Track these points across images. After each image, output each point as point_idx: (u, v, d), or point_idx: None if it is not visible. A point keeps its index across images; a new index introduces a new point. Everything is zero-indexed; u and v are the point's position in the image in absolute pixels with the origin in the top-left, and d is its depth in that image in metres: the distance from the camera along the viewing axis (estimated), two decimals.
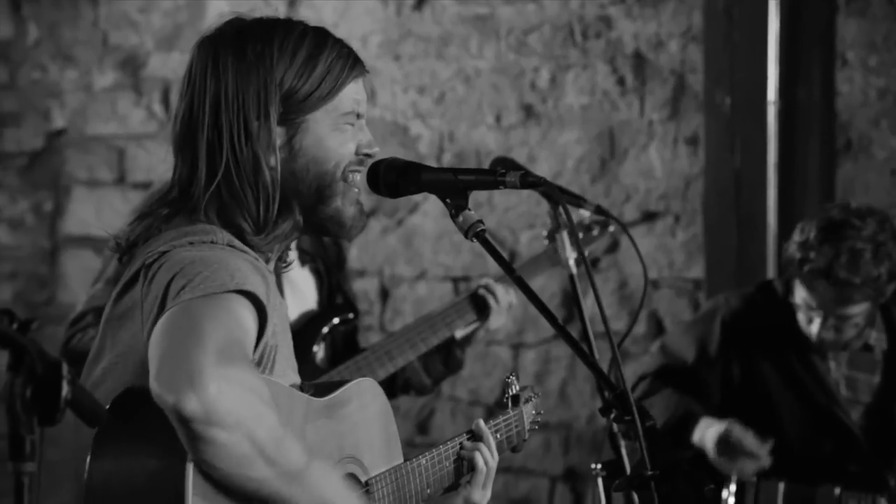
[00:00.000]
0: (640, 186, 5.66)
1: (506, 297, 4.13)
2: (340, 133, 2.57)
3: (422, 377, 4.22)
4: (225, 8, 5.98)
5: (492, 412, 5.83)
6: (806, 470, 4.31)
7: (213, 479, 2.23)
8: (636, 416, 2.35)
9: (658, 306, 5.66)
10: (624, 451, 3.67)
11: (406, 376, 4.22)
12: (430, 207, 5.89)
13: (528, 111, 5.79)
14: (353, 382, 2.63)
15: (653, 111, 5.64)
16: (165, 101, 6.22)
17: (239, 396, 2.19)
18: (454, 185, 2.56)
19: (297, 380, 2.62)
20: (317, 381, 2.72)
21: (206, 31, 2.59)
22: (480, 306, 4.13)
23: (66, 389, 1.85)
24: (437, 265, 5.92)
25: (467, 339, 4.23)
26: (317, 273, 4.16)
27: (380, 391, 2.70)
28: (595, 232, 4.26)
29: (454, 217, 2.54)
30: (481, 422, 2.88)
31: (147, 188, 6.16)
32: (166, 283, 2.34)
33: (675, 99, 5.60)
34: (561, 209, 3.06)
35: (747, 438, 4.25)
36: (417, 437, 5.91)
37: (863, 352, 4.40)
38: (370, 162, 2.62)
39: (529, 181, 2.52)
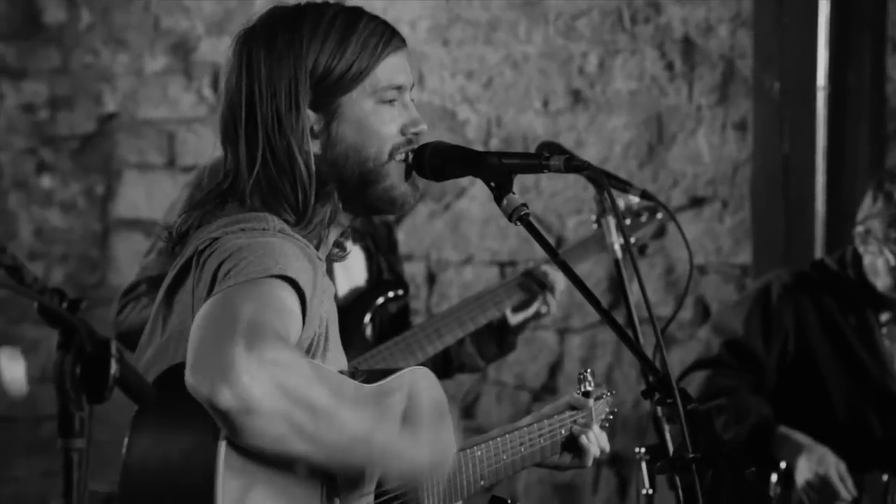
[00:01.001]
0: (687, 172, 5.65)
1: (560, 283, 4.13)
2: (380, 112, 2.57)
3: (476, 360, 4.24)
4: None
5: (538, 397, 5.88)
6: (855, 452, 4.29)
7: (251, 452, 2.25)
8: (678, 399, 2.35)
9: (705, 292, 5.65)
10: (668, 435, 3.69)
11: (461, 360, 4.24)
12: (477, 192, 5.90)
13: (576, 96, 5.79)
14: (406, 370, 2.61)
15: (701, 96, 5.62)
16: (215, 85, 6.26)
17: (274, 380, 2.18)
18: (499, 169, 2.56)
19: (344, 365, 2.63)
20: (371, 368, 2.72)
21: (244, 25, 2.61)
22: (531, 287, 4.14)
23: (114, 367, 1.88)
24: (483, 250, 5.94)
25: (522, 325, 4.24)
26: (367, 251, 4.17)
27: (434, 381, 2.67)
28: (643, 218, 4.26)
29: (499, 201, 2.55)
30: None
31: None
32: (215, 267, 2.36)
33: (724, 84, 5.58)
34: (606, 194, 3.06)
35: (846, 484, 4.22)
36: (463, 420, 5.93)
37: None
38: (420, 141, 2.61)
39: (574, 165, 2.52)
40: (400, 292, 4.18)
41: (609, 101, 5.74)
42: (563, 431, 2.98)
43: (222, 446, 2.23)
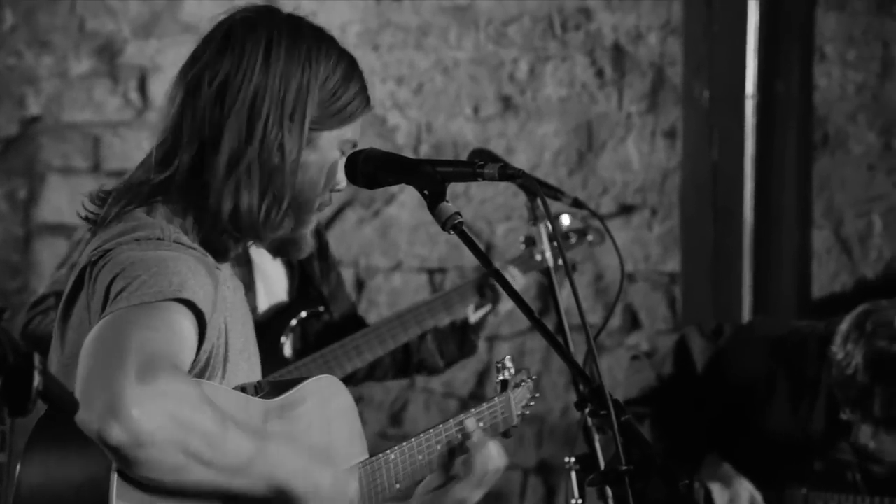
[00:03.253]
0: (617, 179, 5.65)
1: (519, 279, 4.12)
2: (336, 160, 2.57)
3: (436, 359, 4.24)
4: None
5: (466, 405, 5.84)
6: (771, 469, 4.29)
7: (144, 484, 2.20)
8: (611, 410, 2.33)
9: (633, 299, 5.66)
10: (598, 445, 3.67)
11: (421, 357, 4.24)
12: (406, 198, 5.87)
13: (507, 103, 5.78)
14: (310, 380, 2.57)
15: (631, 104, 5.63)
16: (142, 88, 6.18)
17: (165, 411, 2.14)
18: (432, 177, 2.54)
19: (257, 374, 2.59)
20: (275, 378, 2.68)
21: (250, 9, 2.57)
22: (484, 292, 4.13)
23: (37, 380, 1.83)
24: (412, 256, 5.91)
25: (481, 324, 4.24)
26: (288, 265, 4.14)
27: (341, 387, 2.64)
28: (573, 240, 4.26)
29: (432, 209, 2.52)
30: (473, 424, 2.80)
31: (122, 176, 6.12)
32: (107, 284, 2.31)
33: (654, 92, 5.59)
34: (539, 201, 3.04)
35: None
36: (391, 428, 5.89)
37: None
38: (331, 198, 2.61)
39: (508, 173, 2.50)
40: (320, 309, 4.14)
41: (539, 108, 5.73)
42: (481, 425, 2.90)
43: (114, 477, 2.19)
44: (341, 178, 2.59)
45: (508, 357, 3.07)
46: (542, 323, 2.48)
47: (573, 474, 3.66)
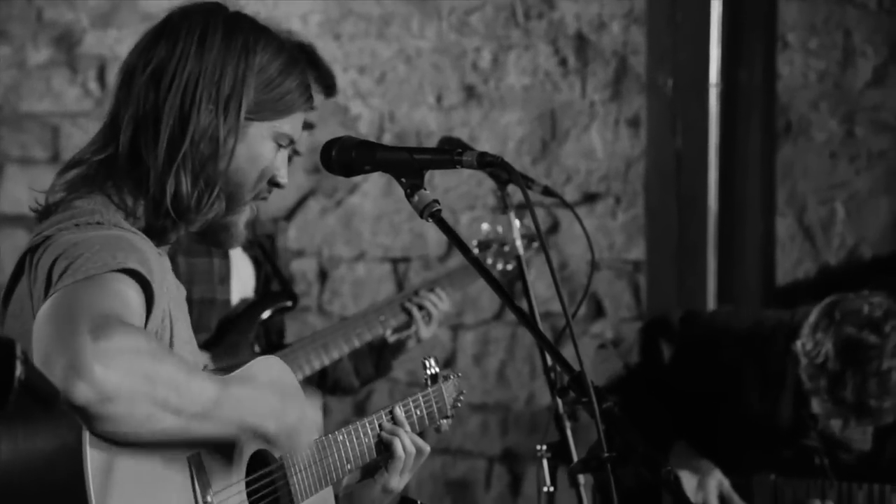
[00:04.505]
0: (580, 168, 5.65)
1: (440, 307, 4.14)
2: (271, 152, 2.58)
3: (351, 378, 4.25)
4: None
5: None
6: (739, 456, 4.31)
7: (118, 440, 2.20)
8: (593, 398, 2.33)
9: (597, 287, 5.66)
10: (569, 433, 3.67)
11: (336, 376, 4.24)
12: (369, 188, 5.85)
13: (470, 92, 5.76)
14: (258, 359, 2.59)
15: (594, 92, 5.63)
16: (101, 78, 6.13)
17: (126, 364, 2.15)
18: (410, 165, 2.53)
19: (199, 365, 2.59)
20: (221, 365, 2.68)
21: (194, 2, 2.59)
22: (411, 311, 4.15)
23: (19, 370, 1.80)
24: (376, 246, 5.89)
25: (399, 347, 4.25)
26: (255, 260, 4.13)
27: (285, 367, 2.66)
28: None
29: (409, 197, 2.51)
30: (398, 408, 2.87)
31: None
32: (49, 266, 2.32)
33: (617, 80, 5.59)
34: (514, 189, 3.03)
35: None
36: (355, 417, 5.87)
37: None
38: (269, 193, 2.63)
39: (487, 161, 2.49)
40: (288, 304, 4.12)
41: (502, 97, 5.72)
42: (417, 413, 2.96)
43: (86, 443, 2.17)
44: (281, 172, 2.61)
45: (433, 357, 3.13)
46: (522, 311, 2.47)
47: (545, 462, 3.66)
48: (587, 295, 3.97)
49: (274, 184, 2.61)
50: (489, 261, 4.21)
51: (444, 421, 3.09)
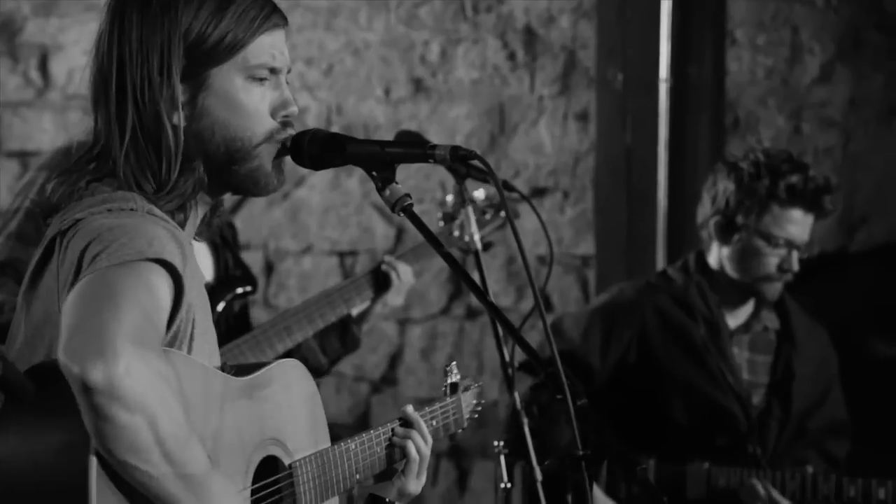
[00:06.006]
0: (529, 162, 5.64)
1: (407, 275, 4.09)
2: (250, 90, 2.48)
3: (318, 356, 4.16)
4: None
5: (377, 389, 5.81)
6: (675, 445, 4.33)
7: (107, 456, 2.14)
8: (568, 395, 2.31)
9: (547, 281, 5.64)
10: (526, 430, 3.66)
11: (302, 355, 4.14)
12: (316, 181, 5.81)
13: (418, 85, 5.73)
14: (276, 363, 2.55)
15: (543, 87, 5.62)
16: (42, 67, 6.04)
17: (147, 379, 2.11)
18: (381, 158, 2.50)
19: (217, 359, 2.54)
20: (239, 363, 2.63)
21: None
22: (380, 282, 4.08)
23: None
24: (322, 239, 5.85)
25: (363, 316, 4.19)
26: (213, 245, 4.07)
27: (306, 373, 2.62)
28: (488, 216, 4.24)
29: (381, 191, 2.48)
30: (410, 408, 2.83)
31: (23, 157, 5.99)
32: (81, 249, 2.26)
33: (566, 75, 5.59)
34: (494, 184, 2.99)
35: None
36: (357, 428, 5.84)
37: (761, 333, 4.44)
38: (292, 123, 2.54)
39: (461, 154, 2.47)
40: (248, 288, 4.08)
41: (451, 91, 5.70)
42: (434, 423, 2.93)
43: (94, 444, 2.13)
44: (280, 101, 2.51)
45: (454, 363, 3.08)
46: (496, 306, 2.45)
47: (502, 458, 3.65)
48: (546, 287, 3.95)
49: (282, 120, 2.51)
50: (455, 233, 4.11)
51: (459, 430, 3.05)
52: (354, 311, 4.15)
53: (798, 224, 4.32)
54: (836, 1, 5.38)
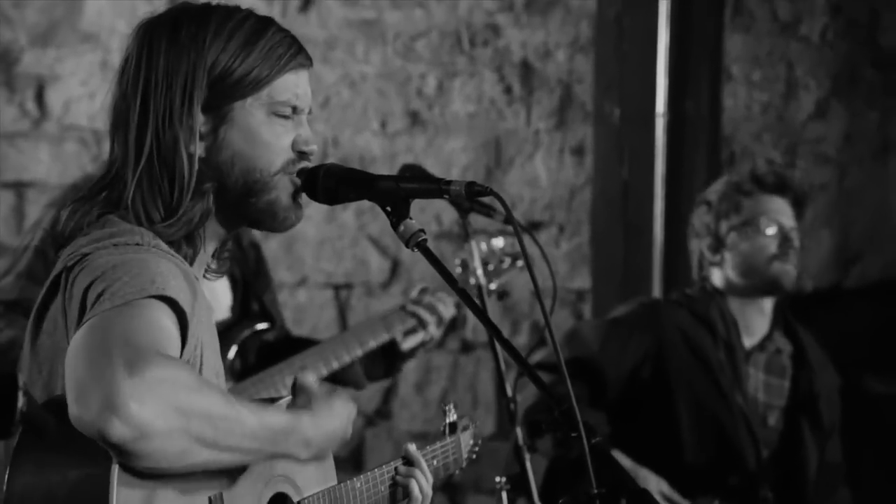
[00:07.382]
0: (525, 196, 5.65)
1: (445, 311, 4.10)
2: (272, 124, 2.51)
3: (361, 380, 4.16)
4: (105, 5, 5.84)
5: (371, 421, 5.80)
6: (686, 479, 4.31)
7: (144, 476, 2.16)
8: (583, 432, 2.31)
9: (540, 316, 5.65)
10: (528, 465, 3.66)
11: (345, 378, 4.15)
12: (311, 212, 5.78)
13: (414, 118, 5.75)
14: (285, 399, 2.53)
15: (539, 120, 5.63)
16: (39, 98, 6.04)
17: (162, 399, 2.11)
18: (396, 194, 2.50)
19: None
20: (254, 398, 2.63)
21: (149, 14, 2.53)
22: (420, 316, 4.09)
23: (21, 401, 1.76)
24: (318, 271, 5.84)
25: (412, 352, 4.18)
26: (232, 279, 4.05)
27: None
28: (505, 264, 4.21)
29: (395, 226, 2.48)
30: (413, 447, 2.83)
31: (18, 188, 5.98)
32: (85, 287, 2.26)
33: (562, 109, 5.61)
34: (507, 216, 2.99)
35: (673, 499, 4.27)
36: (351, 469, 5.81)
37: (775, 355, 4.41)
38: (310, 160, 2.58)
39: (476, 190, 2.47)
40: (265, 326, 4.06)
41: (447, 124, 5.71)
42: (434, 463, 2.92)
43: (115, 470, 2.14)
44: (301, 138, 2.57)
45: (453, 402, 3.07)
46: (510, 343, 2.45)
47: (504, 494, 3.64)
48: (549, 318, 3.95)
49: (299, 152, 2.55)
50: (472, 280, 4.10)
51: (457, 471, 3.05)
52: (405, 346, 4.15)
53: (774, 208, 4.33)
54: (832, 37, 5.42)
